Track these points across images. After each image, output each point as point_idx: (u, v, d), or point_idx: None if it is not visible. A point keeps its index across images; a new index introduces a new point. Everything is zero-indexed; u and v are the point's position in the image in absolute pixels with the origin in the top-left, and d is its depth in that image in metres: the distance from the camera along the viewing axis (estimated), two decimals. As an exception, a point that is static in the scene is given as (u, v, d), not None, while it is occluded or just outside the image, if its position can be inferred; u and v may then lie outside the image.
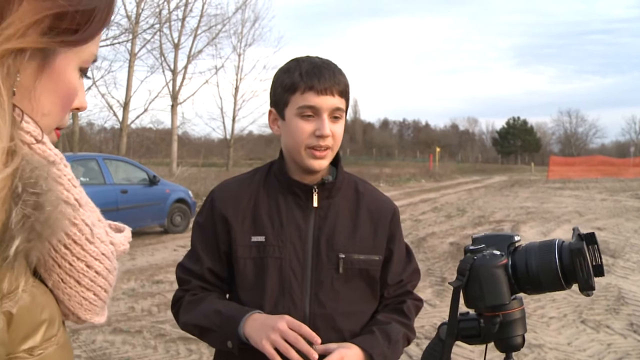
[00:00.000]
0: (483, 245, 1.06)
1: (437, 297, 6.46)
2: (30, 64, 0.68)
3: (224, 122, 31.35)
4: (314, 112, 1.47)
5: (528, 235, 10.53)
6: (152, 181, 11.61)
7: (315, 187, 1.52)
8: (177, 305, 1.58)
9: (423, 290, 6.75)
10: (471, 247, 1.07)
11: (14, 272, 0.65)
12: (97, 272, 0.76)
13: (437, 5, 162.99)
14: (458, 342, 1.11)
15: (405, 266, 1.63)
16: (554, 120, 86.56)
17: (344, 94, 1.51)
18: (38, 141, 0.69)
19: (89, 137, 33.91)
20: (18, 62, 0.64)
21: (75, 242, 0.73)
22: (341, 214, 1.55)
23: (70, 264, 0.73)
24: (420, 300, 1.66)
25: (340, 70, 1.52)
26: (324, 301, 1.49)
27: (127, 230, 0.85)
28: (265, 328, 1.34)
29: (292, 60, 1.55)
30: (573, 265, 1.01)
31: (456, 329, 1.07)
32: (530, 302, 6.17)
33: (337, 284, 1.50)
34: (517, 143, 76.97)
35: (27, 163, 0.64)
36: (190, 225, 12.14)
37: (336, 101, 1.48)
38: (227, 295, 1.60)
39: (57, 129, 0.78)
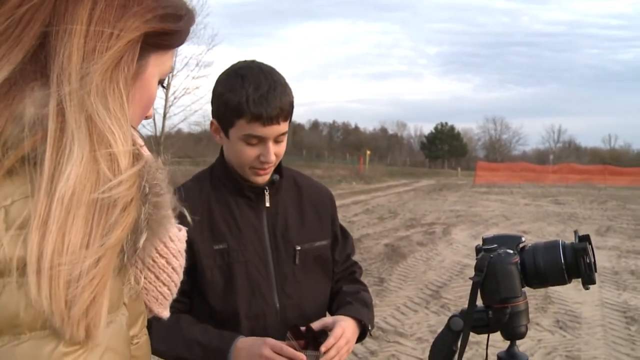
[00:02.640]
0: (495, 245, 1.19)
1: (377, 297, 6.61)
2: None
3: (154, 119, 30.64)
4: (259, 140, 1.50)
5: (459, 238, 10.95)
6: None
7: (267, 187, 1.59)
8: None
9: (362, 291, 6.92)
10: (484, 247, 1.20)
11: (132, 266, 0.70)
12: (173, 268, 0.81)
13: (368, 10, 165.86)
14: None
15: (346, 241, 1.79)
16: (480, 126, 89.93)
17: (289, 115, 1.53)
18: (140, 145, 0.74)
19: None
20: (132, 67, 0.70)
21: (160, 239, 0.78)
22: (288, 208, 1.64)
23: (154, 260, 0.78)
24: (360, 268, 1.84)
25: (285, 89, 1.52)
26: (290, 293, 1.59)
27: (184, 230, 0.90)
28: (253, 357, 1.40)
29: (236, 75, 1.51)
30: (577, 263, 1.15)
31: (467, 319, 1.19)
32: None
33: (298, 274, 1.61)
34: (444, 148, 79.30)
35: (150, 166, 0.69)
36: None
37: (281, 128, 1.51)
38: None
39: None
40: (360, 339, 1.59)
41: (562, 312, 6.16)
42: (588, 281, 1.14)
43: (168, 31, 0.74)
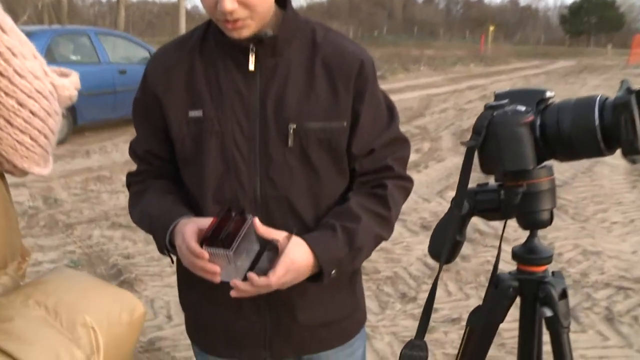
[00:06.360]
0: (506, 101, 1.00)
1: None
2: None
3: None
4: None
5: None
6: (155, 60, 11.54)
7: (252, 45, 1.41)
8: (129, 193, 1.63)
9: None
10: (491, 104, 1.01)
11: None
12: (32, 112, 0.74)
13: None
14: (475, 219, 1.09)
15: (381, 132, 1.48)
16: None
17: None
18: None
19: (80, 10, 33.38)
20: None
21: (1, 74, 0.70)
22: (293, 74, 1.43)
23: None
24: (408, 180, 1.53)
25: None
26: (276, 180, 1.43)
27: (74, 75, 0.82)
28: (181, 247, 1.35)
29: None
30: (617, 123, 0.93)
31: (472, 200, 1.04)
32: (590, 205, 6.15)
33: (290, 159, 1.42)
34: (591, 20, 73.83)
35: None
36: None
37: None
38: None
39: None
40: (317, 278, 1.39)
41: None
42: (630, 150, 0.91)
43: None
